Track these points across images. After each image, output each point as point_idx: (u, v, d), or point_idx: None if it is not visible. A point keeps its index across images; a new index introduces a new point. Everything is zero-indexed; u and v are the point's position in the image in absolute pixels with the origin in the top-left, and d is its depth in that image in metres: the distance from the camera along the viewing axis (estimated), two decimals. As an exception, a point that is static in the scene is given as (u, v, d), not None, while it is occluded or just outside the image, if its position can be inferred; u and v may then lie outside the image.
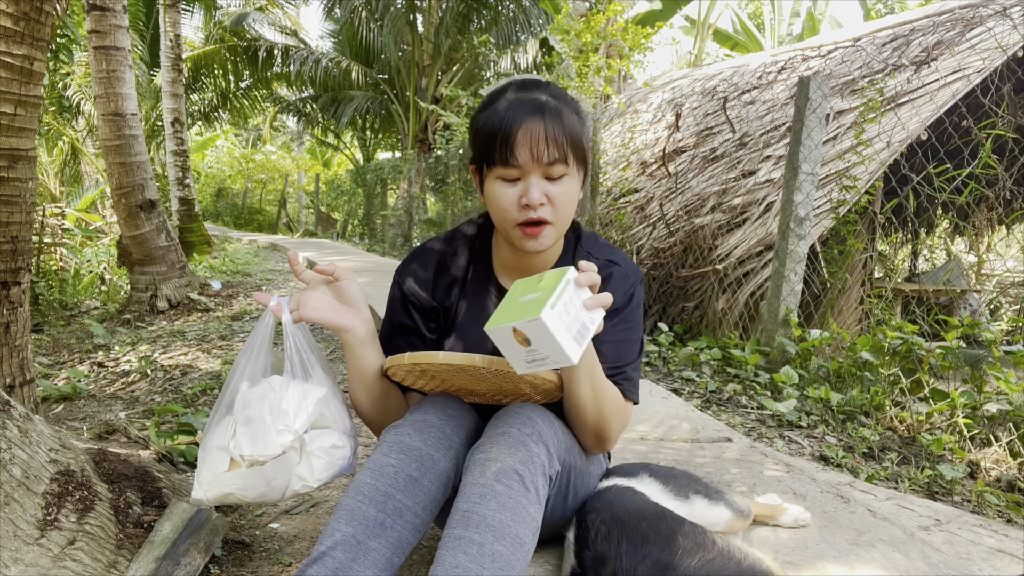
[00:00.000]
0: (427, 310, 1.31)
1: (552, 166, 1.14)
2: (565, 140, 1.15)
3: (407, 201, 10.94)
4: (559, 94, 1.21)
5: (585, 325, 0.97)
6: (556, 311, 0.92)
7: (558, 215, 1.17)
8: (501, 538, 0.97)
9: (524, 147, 1.13)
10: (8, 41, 1.86)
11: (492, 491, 1.01)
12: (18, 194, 2.00)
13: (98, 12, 4.83)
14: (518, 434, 1.07)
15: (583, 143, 1.19)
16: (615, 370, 1.21)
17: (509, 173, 1.15)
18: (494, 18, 12.13)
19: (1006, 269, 7.30)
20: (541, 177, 1.15)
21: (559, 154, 1.14)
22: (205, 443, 1.20)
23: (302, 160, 23.49)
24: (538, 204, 1.14)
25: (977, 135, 4.08)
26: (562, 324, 0.93)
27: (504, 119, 1.14)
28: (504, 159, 1.14)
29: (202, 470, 1.18)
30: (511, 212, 1.17)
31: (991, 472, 2.21)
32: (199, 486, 1.18)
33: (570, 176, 1.17)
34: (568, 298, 0.95)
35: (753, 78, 5.90)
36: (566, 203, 1.18)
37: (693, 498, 1.25)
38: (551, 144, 1.13)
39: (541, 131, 1.13)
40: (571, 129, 1.16)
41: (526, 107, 1.15)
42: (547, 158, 1.13)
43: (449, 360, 1.08)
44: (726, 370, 3.34)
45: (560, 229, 1.20)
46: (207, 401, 3.00)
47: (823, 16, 14.87)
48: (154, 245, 5.34)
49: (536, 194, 1.14)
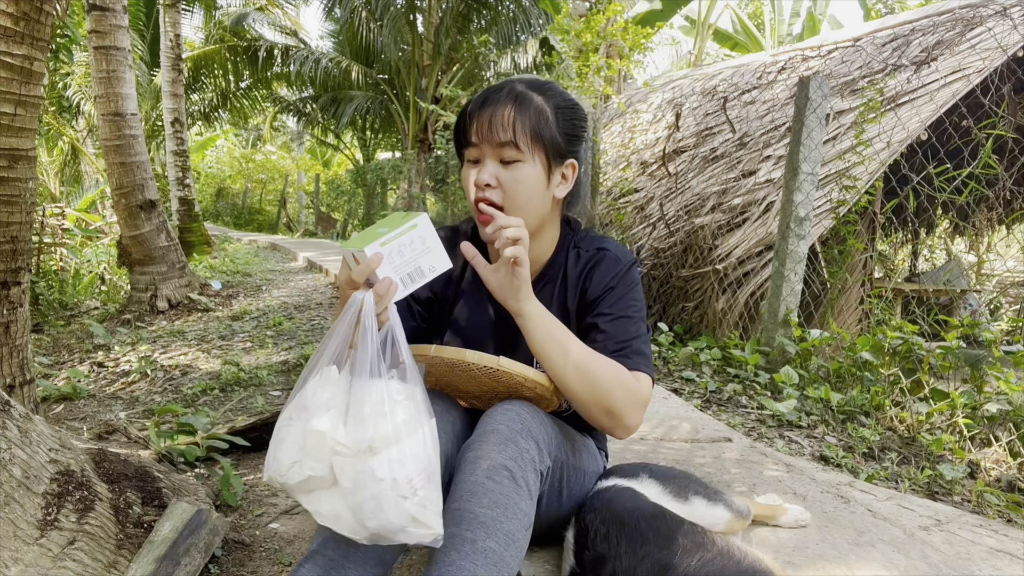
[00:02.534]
0: (422, 299, 1.30)
1: (502, 148, 1.16)
2: (519, 125, 1.15)
3: (407, 201, 10.94)
4: (538, 85, 1.22)
5: (421, 269, 1.05)
6: (386, 248, 1.02)
7: (509, 201, 1.17)
8: (493, 535, 0.98)
9: (476, 127, 1.17)
10: (8, 41, 1.86)
11: (483, 488, 1.01)
12: (18, 194, 2.00)
13: (98, 12, 4.83)
14: (507, 431, 1.08)
15: (548, 133, 1.18)
16: (620, 344, 1.19)
17: (470, 154, 1.19)
18: (494, 18, 12.13)
19: (1006, 269, 7.30)
20: (495, 160, 1.17)
21: (507, 137, 1.15)
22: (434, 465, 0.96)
23: (302, 160, 23.49)
24: (484, 184, 1.16)
25: (977, 135, 4.08)
26: (389, 263, 1.03)
27: (471, 103, 1.19)
28: (463, 139, 1.20)
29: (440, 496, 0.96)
30: (469, 193, 1.19)
31: (991, 472, 2.21)
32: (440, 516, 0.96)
33: (525, 163, 1.17)
34: (407, 241, 1.03)
35: (753, 78, 5.90)
36: (517, 189, 1.17)
37: (692, 498, 1.25)
38: (500, 127, 1.15)
39: (491, 113, 1.16)
40: (532, 116, 1.17)
41: (490, 92, 1.19)
42: (496, 140, 1.15)
43: (440, 354, 1.08)
44: (726, 370, 3.34)
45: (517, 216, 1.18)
46: (207, 401, 3.00)
47: (823, 16, 14.87)
48: (154, 245, 5.33)
49: (484, 175, 1.16)
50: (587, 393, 1.13)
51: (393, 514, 0.91)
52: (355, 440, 0.93)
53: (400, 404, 0.95)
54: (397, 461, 0.92)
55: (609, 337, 1.19)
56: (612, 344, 1.18)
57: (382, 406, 0.94)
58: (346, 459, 0.93)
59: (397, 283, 1.03)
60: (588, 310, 1.25)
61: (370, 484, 0.91)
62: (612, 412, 1.14)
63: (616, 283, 1.24)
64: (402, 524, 0.92)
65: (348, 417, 0.95)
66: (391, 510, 0.91)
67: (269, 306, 5.43)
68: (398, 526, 0.92)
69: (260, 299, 5.85)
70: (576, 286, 1.27)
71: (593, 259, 1.27)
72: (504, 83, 1.22)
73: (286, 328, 4.48)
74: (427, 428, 0.97)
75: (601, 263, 1.25)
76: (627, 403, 1.15)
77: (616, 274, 1.24)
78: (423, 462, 0.94)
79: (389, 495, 0.91)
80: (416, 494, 0.93)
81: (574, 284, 1.27)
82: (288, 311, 5.13)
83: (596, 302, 1.24)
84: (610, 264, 1.25)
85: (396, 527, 0.92)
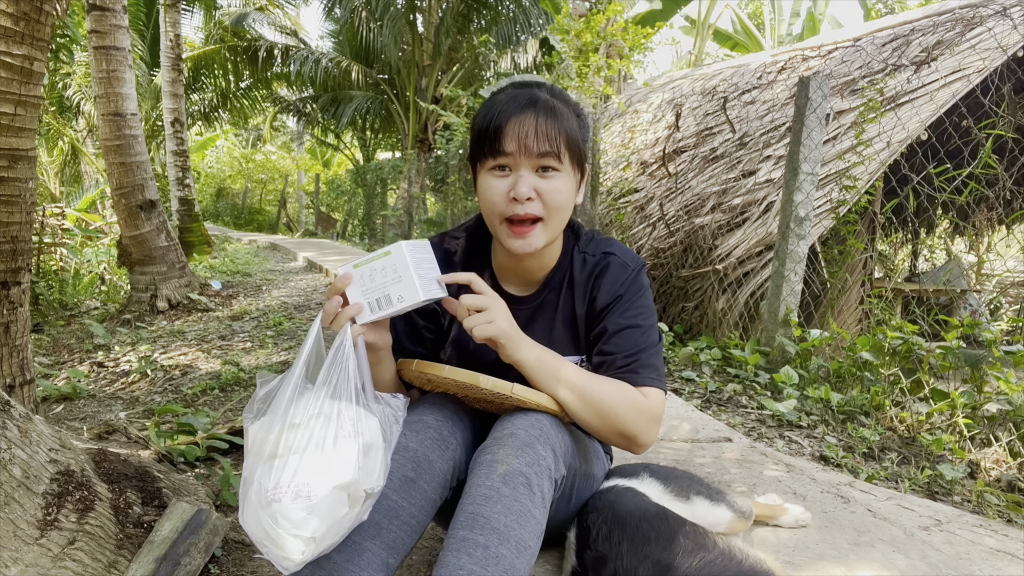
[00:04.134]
0: (427, 312, 1.29)
1: (543, 158, 1.13)
2: (558, 135, 1.13)
3: (407, 201, 10.94)
4: (558, 94, 1.21)
5: (390, 297, 1.06)
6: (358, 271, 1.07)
7: (549, 212, 1.15)
8: (505, 541, 0.97)
9: (514, 137, 1.13)
10: (8, 41, 1.85)
11: (498, 493, 1.00)
12: (18, 194, 2.00)
13: (98, 12, 4.83)
14: (525, 436, 1.07)
15: (579, 143, 1.17)
16: (630, 357, 1.17)
17: (499, 163, 1.15)
18: (494, 18, 12.13)
19: (1006, 269, 7.30)
20: (531, 171, 1.14)
21: (550, 147, 1.13)
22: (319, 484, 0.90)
23: (302, 160, 23.49)
24: (525, 198, 1.13)
25: (977, 135, 4.08)
26: (359, 286, 1.06)
27: (498, 112, 1.15)
28: (494, 149, 1.14)
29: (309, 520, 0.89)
30: (499, 205, 1.15)
31: (991, 472, 2.21)
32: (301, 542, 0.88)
33: (563, 174, 1.15)
34: (380, 267, 1.06)
35: (753, 78, 5.90)
36: (557, 200, 1.15)
37: (694, 499, 1.25)
38: (541, 137, 1.12)
39: (532, 123, 1.13)
40: (566, 126, 1.15)
41: (520, 100, 1.15)
42: (537, 150, 1.12)
43: (453, 376, 1.09)
44: (726, 370, 3.34)
45: (552, 229, 1.18)
46: (207, 401, 3.00)
47: (823, 16, 14.87)
48: (154, 245, 5.33)
49: (524, 187, 1.13)
50: (598, 421, 1.14)
51: (250, 520, 0.89)
52: (264, 442, 0.93)
53: (313, 420, 0.94)
54: (274, 469, 0.90)
55: (619, 349, 1.18)
56: (621, 358, 1.17)
57: (293, 417, 0.94)
58: (254, 459, 0.94)
59: (364, 306, 1.06)
60: (597, 319, 1.23)
61: (244, 483, 0.92)
62: (625, 434, 1.15)
63: (624, 290, 1.22)
64: (259, 535, 0.88)
65: (271, 421, 0.95)
66: (249, 515, 0.89)
67: (269, 306, 5.43)
68: (256, 536, 0.89)
69: (260, 299, 5.85)
70: (584, 293, 1.25)
71: (600, 265, 1.25)
72: (523, 91, 1.18)
73: (286, 328, 4.48)
74: (339, 452, 0.93)
75: (608, 270, 1.24)
76: (639, 423, 1.14)
77: (624, 281, 1.23)
78: (301, 478, 0.89)
79: (252, 499, 0.90)
80: (270, 506, 0.88)
81: (582, 290, 1.26)
82: (288, 311, 5.13)
83: (605, 311, 1.22)
84: (617, 270, 1.24)
85: (256, 535, 0.89)
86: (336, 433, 0.94)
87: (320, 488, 0.90)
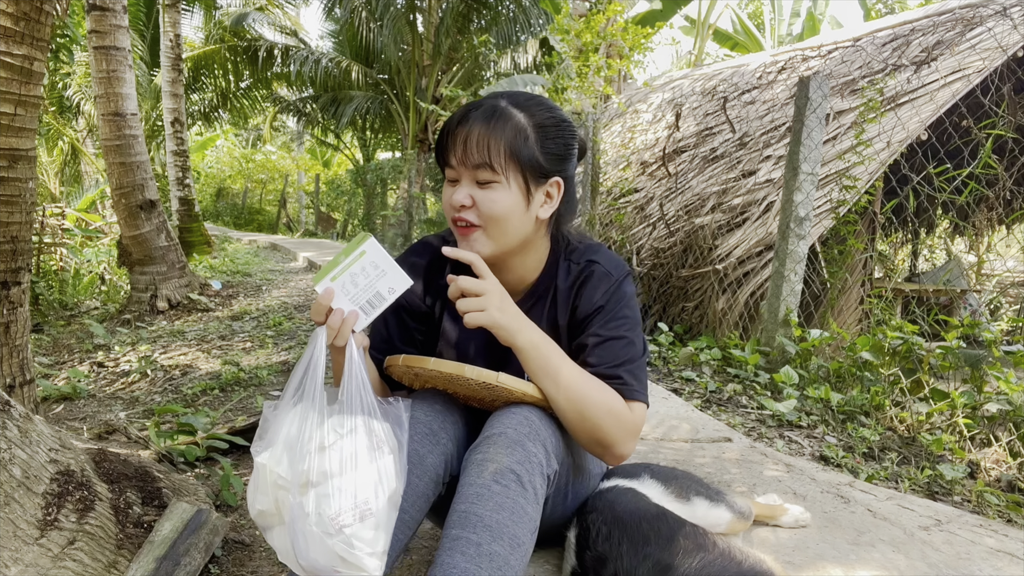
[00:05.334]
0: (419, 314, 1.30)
1: (477, 170, 1.14)
2: (494, 147, 1.12)
3: (407, 201, 10.94)
4: (522, 102, 1.18)
5: (380, 294, 1.07)
6: (337, 283, 1.05)
7: (485, 221, 1.15)
8: (498, 538, 0.97)
9: (452, 149, 1.16)
10: (8, 41, 1.86)
11: (489, 491, 1.01)
12: (18, 194, 2.00)
13: (98, 12, 4.83)
14: (515, 434, 1.07)
15: (524, 153, 1.14)
16: (612, 368, 1.16)
17: (449, 174, 1.18)
18: (494, 18, 12.13)
19: (1006, 269, 7.30)
20: (471, 180, 1.15)
21: (481, 159, 1.13)
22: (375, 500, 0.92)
23: (302, 160, 23.49)
24: (459, 205, 1.15)
25: (977, 135, 4.08)
26: (344, 295, 1.05)
27: (449, 122, 1.18)
28: (442, 160, 1.19)
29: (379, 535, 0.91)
30: (448, 212, 1.19)
31: (991, 472, 2.21)
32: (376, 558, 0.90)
33: (500, 184, 1.14)
34: (359, 269, 1.05)
35: (753, 78, 5.90)
36: (492, 211, 1.14)
37: (694, 499, 1.25)
38: (473, 148, 1.13)
39: (467, 134, 1.14)
40: (507, 136, 1.13)
41: (468, 110, 1.17)
42: (470, 161, 1.14)
43: (439, 368, 1.09)
44: (726, 370, 3.34)
45: (495, 237, 1.16)
46: (207, 401, 3.00)
47: (823, 16, 14.87)
48: (154, 245, 5.34)
49: (459, 196, 1.15)
50: (579, 422, 1.12)
51: (317, 552, 0.88)
52: (295, 473, 0.91)
53: (345, 438, 0.93)
54: (326, 496, 0.89)
55: (601, 361, 1.16)
56: (604, 369, 1.16)
57: (323, 440, 0.92)
58: (287, 493, 0.91)
59: (357, 312, 1.05)
60: (579, 329, 1.21)
61: (299, 519, 0.89)
62: (602, 442, 1.14)
63: (606, 300, 1.20)
64: (330, 563, 0.88)
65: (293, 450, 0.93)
66: (315, 548, 0.88)
67: (269, 306, 5.43)
68: (326, 566, 0.88)
69: (260, 299, 5.85)
70: (567, 301, 1.23)
71: (583, 273, 1.23)
72: (486, 99, 1.19)
73: (286, 328, 4.48)
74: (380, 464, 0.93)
75: (591, 279, 1.21)
76: (618, 434, 1.13)
77: (607, 291, 1.20)
78: (359, 498, 0.90)
79: (314, 532, 0.88)
80: (341, 532, 0.88)
81: (564, 299, 1.24)
82: (288, 311, 5.13)
83: (586, 321, 1.20)
84: (600, 279, 1.21)
85: (324, 566, 0.88)
86: (368, 446, 0.94)
87: (378, 503, 0.92)
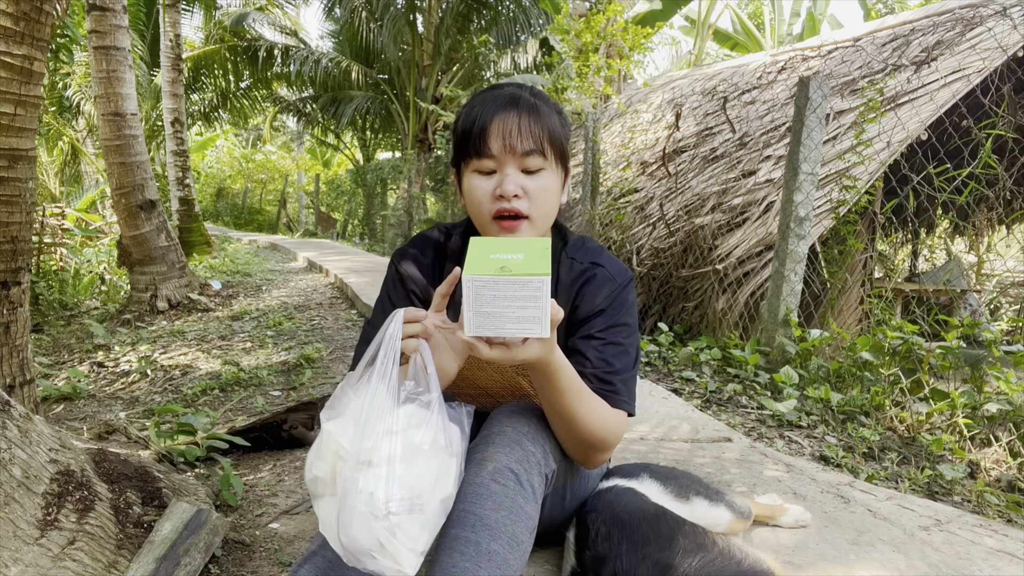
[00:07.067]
0: (424, 300, 1.26)
1: (527, 157, 1.13)
2: (541, 132, 1.13)
3: (407, 201, 10.94)
4: (538, 93, 1.21)
5: (505, 324, 0.93)
6: (487, 280, 0.88)
7: (535, 210, 1.14)
8: (497, 537, 0.97)
9: (498, 137, 1.12)
10: (8, 41, 1.86)
11: (488, 490, 1.01)
12: (18, 194, 2.00)
13: (98, 12, 4.83)
14: (513, 433, 1.07)
15: (562, 140, 1.17)
16: (607, 375, 1.14)
17: (484, 165, 1.14)
18: (494, 18, 12.13)
19: (1006, 269, 7.30)
20: (517, 169, 1.14)
21: (534, 145, 1.13)
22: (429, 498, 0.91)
23: (302, 160, 23.50)
24: (512, 195, 1.12)
25: (977, 135, 4.08)
26: (483, 293, 0.89)
27: (479, 112, 1.15)
28: (478, 150, 1.14)
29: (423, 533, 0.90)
30: (485, 204, 1.15)
31: (991, 472, 2.21)
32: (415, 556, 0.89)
33: (548, 171, 1.15)
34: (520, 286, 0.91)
35: (753, 78, 5.90)
36: (543, 197, 1.15)
37: (694, 499, 1.25)
38: (525, 134, 1.12)
39: (515, 122, 1.13)
40: (549, 123, 1.15)
41: (500, 100, 1.15)
42: (521, 148, 1.12)
43: None
44: (726, 370, 3.34)
45: (539, 227, 1.17)
46: (207, 401, 3.00)
47: (823, 16, 14.87)
48: (154, 245, 5.34)
49: (510, 185, 1.12)
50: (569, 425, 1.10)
51: (360, 531, 0.86)
52: (358, 449, 0.90)
53: (416, 429, 0.92)
54: (384, 479, 0.88)
55: (596, 368, 1.14)
56: (600, 373, 1.14)
57: (393, 425, 0.91)
58: (345, 465, 0.90)
59: (471, 318, 0.90)
60: (576, 328, 1.20)
61: (351, 493, 0.88)
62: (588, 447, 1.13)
63: (608, 304, 1.19)
64: (368, 546, 0.86)
65: (361, 426, 0.91)
66: (359, 526, 0.87)
67: (269, 306, 5.43)
68: (364, 547, 0.87)
69: (260, 299, 5.85)
70: (568, 299, 1.22)
71: (587, 274, 1.22)
72: (502, 90, 1.18)
73: (286, 328, 4.48)
74: (442, 464, 0.92)
75: (594, 280, 1.20)
76: (606, 442, 1.12)
77: (609, 295, 1.19)
78: (414, 491, 0.89)
79: (361, 509, 0.87)
80: (388, 517, 0.87)
81: (565, 296, 1.22)
82: (288, 311, 5.13)
83: (585, 322, 1.19)
84: (603, 282, 1.20)
85: (362, 548, 0.87)
86: (436, 444, 0.92)
87: (431, 502, 0.90)
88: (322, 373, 3.34)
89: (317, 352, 3.67)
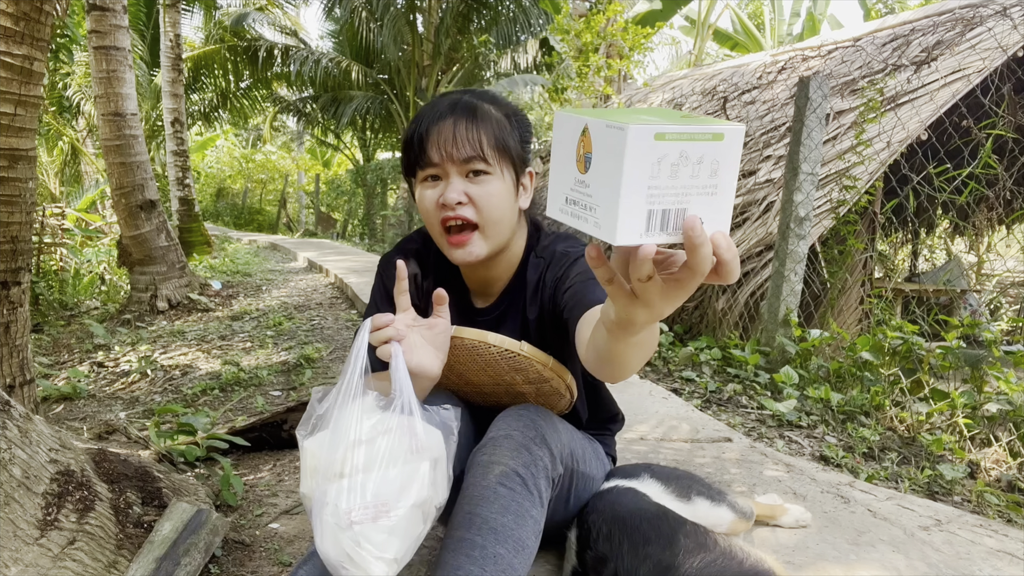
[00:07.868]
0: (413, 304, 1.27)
1: (468, 163, 1.11)
2: (480, 137, 1.12)
3: (407, 201, 10.93)
4: (489, 97, 1.19)
5: (677, 213, 0.58)
6: (658, 143, 0.55)
7: (483, 217, 1.13)
8: (503, 541, 0.97)
9: (436, 145, 1.12)
10: (8, 41, 1.86)
11: (495, 494, 1.00)
12: (18, 194, 2.00)
13: (98, 12, 4.82)
14: (521, 437, 1.07)
15: (507, 144, 1.14)
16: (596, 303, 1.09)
17: (428, 174, 1.14)
18: (494, 18, 12.13)
19: (1006, 269, 7.30)
20: (461, 176, 1.12)
21: (472, 151, 1.11)
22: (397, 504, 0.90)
23: (302, 160, 23.49)
24: (455, 203, 1.11)
25: (977, 135, 4.08)
26: (647, 170, 0.55)
27: (419, 122, 1.14)
28: (420, 160, 1.14)
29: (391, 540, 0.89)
30: (432, 213, 1.14)
31: (991, 472, 2.21)
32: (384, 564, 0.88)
33: (494, 176, 1.13)
34: (685, 151, 0.56)
35: (753, 78, 5.90)
36: (491, 203, 1.13)
37: (695, 499, 1.25)
38: (461, 141, 1.11)
39: (451, 128, 1.11)
40: (490, 128, 1.13)
41: (440, 108, 1.14)
42: (459, 155, 1.11)
43: (460, 335, 1.07)
44: (726, 370, 3.34)
45: (492, 235, 1.15)
46: (207, 401, 3.00)
47: (823, 16, 14.87)
48: (154, 245, 5.33)
49: (452, 193, 1.11)
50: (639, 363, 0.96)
51: (329, 544, 0.87)
52: (329, 462, 0.90)
53: (383, 436, 0.91)
54: (348, 490, 0.88)
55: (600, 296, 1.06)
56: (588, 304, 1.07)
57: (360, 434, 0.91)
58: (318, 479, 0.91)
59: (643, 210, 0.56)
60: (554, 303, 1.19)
61: (319, 507, 0.88)
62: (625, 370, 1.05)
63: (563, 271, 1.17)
64: (339, 558, 0.86)
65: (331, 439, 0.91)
66: (328, 539, 0.87)
67: (269, 306, 5.43)
68: (335, 559, 0.87)
69: (260, 299, 5.85)
70: (535, 295, 1.23)
71: (544, 263, 1.23)
72: (446, 97, 1.17)
73: (286, 328, 4.48)
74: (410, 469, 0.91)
75: (551, 264, 1.21)
76: None
77: (563, 264, 1.19)
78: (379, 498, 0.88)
79: (328, 522, 0.87)
80: (352, 527, 0.86)
81: (532, 293, 1.23)
82: (288, 311, 5.13)
83: (555, 295, 1.18)
84: (559, 259, 1.20)
85: (334, 560, 0.87)
86: (407, 448, 0.92)
87: (399, 508, 0.89)
88: (322, 373, 3.34)
89: (317, 352, 3.67)
